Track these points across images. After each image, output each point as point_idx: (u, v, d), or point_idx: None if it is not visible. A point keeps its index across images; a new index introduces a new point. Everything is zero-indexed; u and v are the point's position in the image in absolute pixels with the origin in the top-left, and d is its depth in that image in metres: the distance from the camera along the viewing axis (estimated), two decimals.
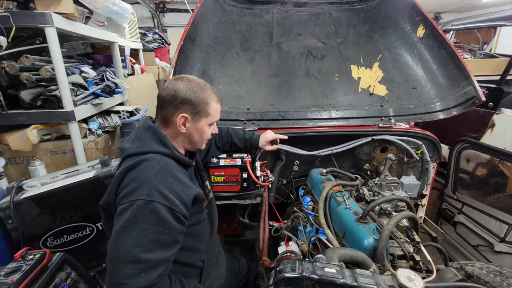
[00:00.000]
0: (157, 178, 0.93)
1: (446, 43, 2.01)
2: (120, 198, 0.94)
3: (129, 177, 0.95)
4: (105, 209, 1.05)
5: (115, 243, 0.88)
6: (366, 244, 1.18)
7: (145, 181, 0.92)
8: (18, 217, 1.47)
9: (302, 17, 2.38)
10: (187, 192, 1.01)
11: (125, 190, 0.93)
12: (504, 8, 3.62)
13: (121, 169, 0.99)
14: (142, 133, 1.07)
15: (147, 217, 0.88)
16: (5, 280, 1.06)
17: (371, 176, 2.11)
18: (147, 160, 0.98)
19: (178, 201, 0.95)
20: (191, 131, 1.12)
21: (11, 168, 1.97)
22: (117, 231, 0.89)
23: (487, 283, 1.16)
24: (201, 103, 1.09)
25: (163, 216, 0.90)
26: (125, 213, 0.89)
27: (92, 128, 2.19)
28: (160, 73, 4.48)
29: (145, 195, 0.89)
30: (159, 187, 0.92)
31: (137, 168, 0.96)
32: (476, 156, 2.32)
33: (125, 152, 1.04)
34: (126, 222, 0.88)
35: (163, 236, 0.91)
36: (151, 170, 0.95)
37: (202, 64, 2.06)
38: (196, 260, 1.17)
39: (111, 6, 2.49)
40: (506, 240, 1.95)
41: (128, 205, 0.90)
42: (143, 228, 0.88)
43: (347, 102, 2.12)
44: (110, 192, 1.00)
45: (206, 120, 1.13)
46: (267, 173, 1.70)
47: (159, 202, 0.90)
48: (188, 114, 1.08)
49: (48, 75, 1.84)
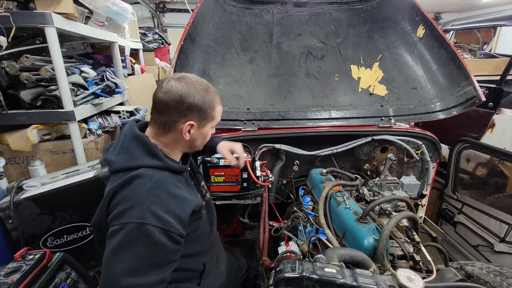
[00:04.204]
0: (149, 198, 0.86)
1: (446, 43, 2.01)
2: (111, 218, 0.88)
3: (120, 197, 0.88)
4: (97, 229, 0.98)
5: (107, 268, 0.83)
6: (366, 244, 1.18)
7: (136, 202, 0.86)
8: (18, 217, 1.47)
9: (302, 17, 2.38)
10: (184, 208, 0.94)
11: (116, 211, 0.87)
12: (504, 8, 3.61)
13: (111, 187, 0.91)
14: (129, 144, 0.97)
15: (140, 241, 0.83)
16: (5, 280, 1.06)
17: (371, 176, 2.11)
18: (138, 177, 0.90)
19: (173, 220, 0.88)
20: (195, 137, 1.04)
21: (11, 168, 1.97)
22: (108, 255, 0.84)
23: (487, 283, 1.16)
24: (208, 108, 1.00)
25: (156, 239, 0.84)
26: (116, 236, 0.84)
27: (92, 128, 2.19)
28: (160, 73, 4.48)
29: (136, 218, 0.83)
30: (152, 208, 0.85)
31: (127, 186, 0.89)
32: (476, 156, 2.32)
33: (112, 166, 0.96)
34: (117, 246, 0.83)
35: (157, 258, 0.86)
36: (143, 188, 0.88)
37: (202, 64, 2.06)
38: (196, 264, 1.14)
39: (111, 6, 2.49)
40: (506, 240, 1.95)
41: (119, 228, 0.84)
42: (135, 252, 0.83)
43: (347, 102, 2.12)
44: (100, 211, 0.93)
45: (211, 124, 1.06)
46: (267, 173, 1.70)
47: (152, 225, 0.84)
48: (195, 120, 0.99)
49: (48, 75, 1.84)
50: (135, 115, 2.61)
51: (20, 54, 1.80)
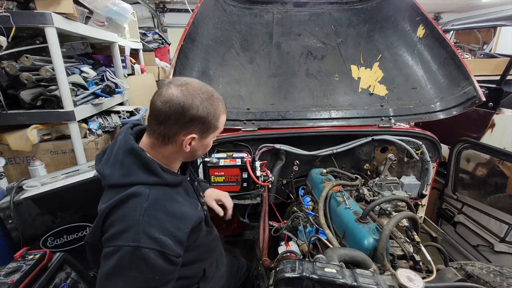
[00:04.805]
0: (145, 219, 0.82)
1: (446, 43, 2.01)
2: (106, 239, 0.84)
3: (115, 216, 0.84)
4: (91, 246, 0.94)
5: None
6: (366, 244, 1.18)
7: (131, 223, 0.81)
8: (18, 217, 1.46)
9: (302, 17, 2.38)
10: (182, 227, 0.89)
11: (111, 232, 0.83)
12: (504, 8, 3.61)
13: (105, 205, 0.86)
14: (124, 157, 0.90)
15: (135, 265, 0.80)
16: (5, 280, 1.06)
17: (371, 176, 2.11)
18: (134, 195, 0.85)
19: (171, 241, 0.84)
20: (196, 148, 0.98)
21: (11, 168, 1.97)
22: (102, 277, 0.81)
23: (487, 283, 1.16)
24: (212, 119, 0.93)
25: (153, 263, 0.81)
26: (111, 260, 0.80)
27: (92, 128, 2.19)
28: (160, 73, 4.48)
29: (131, 241, 0.79)
30: (148, 230, 0.81)
31: (123, 206, 0.84)
32: (476, 156, 2.32)
33: (107, 180, 0.90)
34: (111, 270, 0.80)
35: (152, 282, 0.83)
36: (139, 208, 0.83)
37: (202, 64, 2.06)
38: (196, 270, 1.11)
39: (111, 6, 2.49)
40: (506, 240, 1.94)
41: (113, 251, 0.81)
42: (130, 277, 0.80)
43: (347, 102, 2.12)
44: (95, 229, 0.88)
45: (214, 134, 1.00)
46: (267, 173, 1.70)
47: (148, 247, 0.80)
48: (197, 133, 0.92)
49: (48, 75, 1.84)
50: (135, 115, 2.61)
51: (20, 54, 1.81)
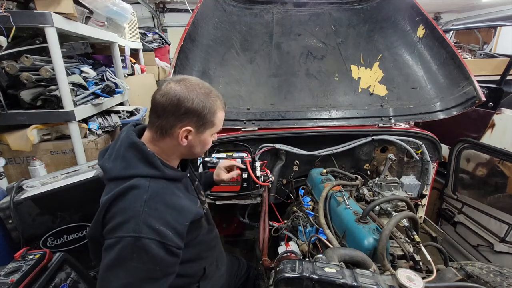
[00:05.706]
0: (145, 210, 0.84)
1: (446, 43, 2.01)
2: (107, 231, 0.86)
3: (116, 208, 0.86)
4: (92, 240, 0.95)
5: (102, 283, 0.82)
6: (366, 244, 1.18)
7: (132, 214, 0.83)
8: (18, 217, 1.47)
9: (302, 17, 2.38)
10: (181, 220, 0.91)
11: (112, 224, 0.85)
12: (504, 8, 3.61)
13: (106, 198, 0.88)
14: (125, 151, 0.93)
15: (136, 255, 0.81)
16: (5, 280, 1.06)
17: (371, 176, 2.11)
18: (134, 187, 0.87)
19: (171, 233, 0.86)
20: (193, 143, 0.99)
21: (11, 168, 1.97)
22: (104, 270, 0.82)
23: (487, 283, 1.16)
24: (208, 114, 0.95)
25: (154, 253, 0.82)
26: (112, 251, 0.81)
27: (92, 128, 2.19)
28: (160, 73, 4.48)
29: (132, 231, 0.81)
30: (148, 220, 0.83)
31: (123, 198, 0.86)
32: (476, 156, 2.32)
33: (108, 173, 0.93)
34: (113, 261, 0.81)
35: (154, 273, 0.84)
36: (139, 200, 0.85)
37: (202, 64, 2.06)
38: (197, 268, 1.12)
39: (111, 6, 2.49)
40: (506, 240, 1.95)
41: (114, 242, 0.82)
42: (132, 267, 0.81)
43: (347, 102, 2.12)
44: (96, 222, 0.90)
45: (211, 130, 1.01)
46: (267, 173, 1.70)
47: (149, 238, 0.82)
48: (193, 126, 0.95)
49: (48, 75, 1.84)
50: (135, 115, 2.61)
51: (20, 54, 1.80)
